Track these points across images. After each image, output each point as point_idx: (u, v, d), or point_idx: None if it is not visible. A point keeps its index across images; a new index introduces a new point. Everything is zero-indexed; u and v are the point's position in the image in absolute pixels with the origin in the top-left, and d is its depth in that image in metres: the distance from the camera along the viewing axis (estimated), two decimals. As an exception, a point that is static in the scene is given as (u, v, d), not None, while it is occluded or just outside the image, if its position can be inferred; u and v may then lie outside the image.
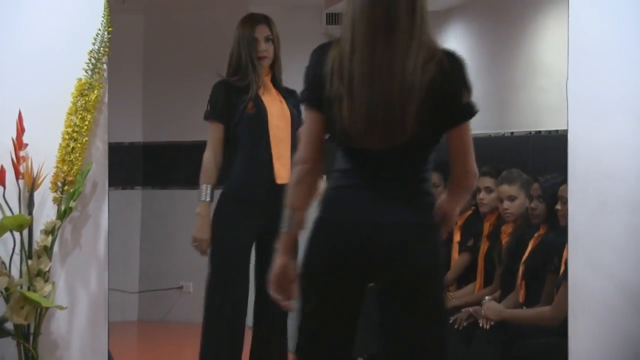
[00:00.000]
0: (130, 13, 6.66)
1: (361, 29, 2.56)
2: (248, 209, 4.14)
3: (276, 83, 4.28)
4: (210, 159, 4.18)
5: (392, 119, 2.54)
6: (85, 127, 3.77)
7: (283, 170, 4.13)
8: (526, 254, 4.49)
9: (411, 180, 2.66)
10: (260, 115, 4.17)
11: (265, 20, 4.25)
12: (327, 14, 6.74)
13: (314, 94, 2.64)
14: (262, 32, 4.21)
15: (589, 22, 3.69)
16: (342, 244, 2.64)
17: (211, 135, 4.21)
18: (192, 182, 6.93)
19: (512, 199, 4.76)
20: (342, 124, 2.58)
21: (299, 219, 2.69)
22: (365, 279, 2.70)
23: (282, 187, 4.00)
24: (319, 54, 2.64)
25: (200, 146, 4.27)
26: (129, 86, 6.92)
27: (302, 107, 2.73)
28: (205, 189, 4.17)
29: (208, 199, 4.17)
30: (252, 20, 4.24)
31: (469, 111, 2.62)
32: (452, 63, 2.60)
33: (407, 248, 2.63)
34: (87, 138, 3.79)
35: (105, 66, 3.86)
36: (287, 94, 4.28)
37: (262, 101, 4.18)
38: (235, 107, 4.17)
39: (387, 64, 2.54)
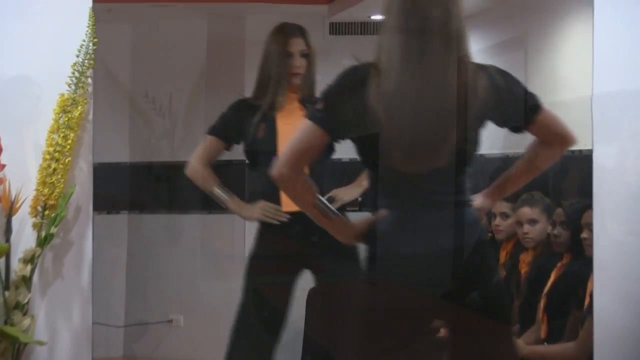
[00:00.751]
0: (117, 22, 6.67)
1: (395, 50, 2.64)
2: (278, 241, 4.04)
3: (304, 102, 4.14)
4: (197, 167, 4.05)
5: (431, 142, 2.67)
6: (68, 147, 3.77)
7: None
8: (548, 285, 4.48)
9: (458, 198, 2.80)
10: (270, 138, 4.07)
11: (301, 32, 4.12)
12: (330, 23, 6.75)
13: (331, 116, 2.68)
14: (297, 45, 4.08)
15: (616, 31, 3.69)
16: (409, 280, 2.69)
17: (202, 147, 4.10)
18: (183, 206, 6.98)
19: (533, 222, 4.75)
20: (384, 148, 2.66)
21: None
22: (435, 313, 2.79)
23: (296, 215, 3.95)
24: (351, 77, 2.67)
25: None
26: (115, 102, 6.92)
27: (309, 122, 2.72)
28: (218, 192, 4.05)
29: (227, 196, 4.03)
30: (285, 33, 4.11)
31: (537, 101, 2.92)
32: (498, 73, 2.84)
33: (476, 267, 2.76)
34: (69, 158, 3.79)
35: (90, 80, 3.86)
36: None
37: (275, 123, 4.09)
38: (250, 128, 4.07)
39: (424, 86, 2.63)
